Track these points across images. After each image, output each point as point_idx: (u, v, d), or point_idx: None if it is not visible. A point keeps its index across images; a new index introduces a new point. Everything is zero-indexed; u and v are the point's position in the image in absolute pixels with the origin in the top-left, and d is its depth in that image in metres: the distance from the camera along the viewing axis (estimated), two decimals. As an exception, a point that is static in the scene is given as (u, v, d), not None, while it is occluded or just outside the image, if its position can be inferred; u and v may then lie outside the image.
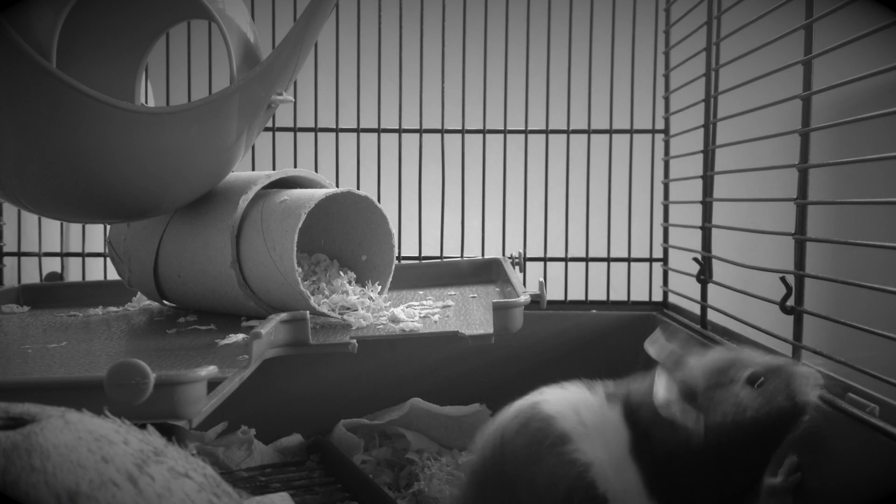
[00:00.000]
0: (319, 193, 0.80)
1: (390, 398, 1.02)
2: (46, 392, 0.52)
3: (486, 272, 1.00)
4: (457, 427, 0.99)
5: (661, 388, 0.59)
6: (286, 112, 1.05)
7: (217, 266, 0.82)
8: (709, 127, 0.94)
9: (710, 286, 0.94)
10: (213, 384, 0.55)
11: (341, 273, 0.87)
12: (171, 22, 0.90)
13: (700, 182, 0.96)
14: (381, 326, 0.77)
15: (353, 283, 0.87)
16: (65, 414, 0.38)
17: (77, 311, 0.94)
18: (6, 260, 1.13)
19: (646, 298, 1.13)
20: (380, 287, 0.86)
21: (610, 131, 1.14)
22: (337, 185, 0.96)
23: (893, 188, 1.56)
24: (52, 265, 1.15)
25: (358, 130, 1.13)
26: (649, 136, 1.14)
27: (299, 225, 0.77)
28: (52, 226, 1.19)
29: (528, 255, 1.12)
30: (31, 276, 1.16)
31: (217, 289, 0.84)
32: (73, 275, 1.19)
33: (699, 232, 0.95)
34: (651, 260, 1.13)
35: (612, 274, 1.14)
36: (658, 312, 1.08)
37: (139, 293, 0.97)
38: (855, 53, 0.69)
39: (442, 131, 1.13)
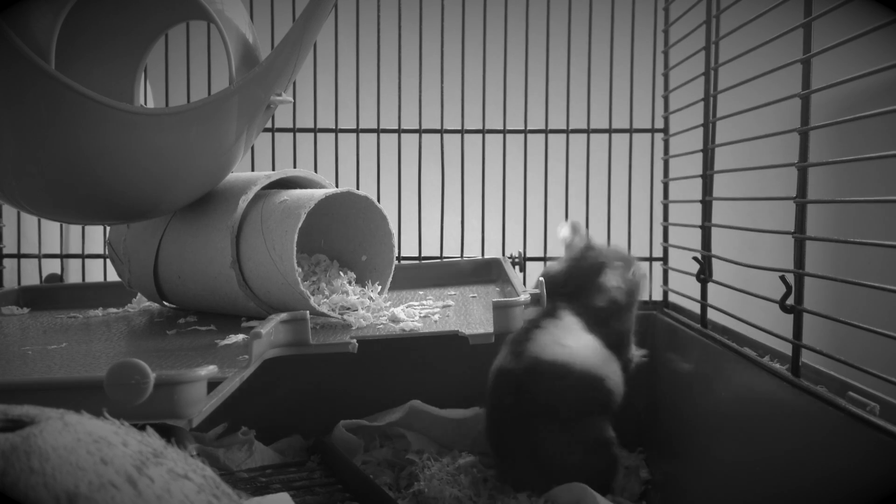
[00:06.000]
0: (319, 193, 0.80)
1: (390, 398, 1.02)
2: (46, 392, 0.52)
3: (486, 272, 1.00)
4: (456, 429, 0.99)
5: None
6: (285, 112, 1.04)
7: (217, 266, 0.82)
8: (708, 126, 0.94)
9: (710, 285, 0.94)
10: (213, 384, 0.55)
11: (341, 273, 0.87)
12: (170, 23, 0.90)
13: (700, 181, 0.96)
14: (382, 326, 0.77)
15: (353, 283, 0.87)
16: (64, 416, 0.38)
17: (77, 312, 0.94)
18: (6, 262, 1.13)
19: (646, 297, 1.13)
20: (380, 287, 0.86)
21: (609, 131, 1.14)
22: (336, 186, 0.96)
23: (892, 186, 1.56)
24: (52, 267, 1.15)
25: (357, 131, 1.13)
26: (649, 135, 1.14)
27: (299, 225, 0.77)
28: (51, 227, 1.18)
29: (528, 255, 1.12)
30: (30, 277, 1.16)
31: (217, 289, 0.84)
32: (73, 276, 1.19)
33: (699, 231, 0.95)
34: (651, 259, 1.13)
35: (613, 273, 1.14)
36: (658, 311, 1.08)
37: (139, 294, 0.97)
38: (854, 52, 0.69)
39: (441, 131, 1.13)
